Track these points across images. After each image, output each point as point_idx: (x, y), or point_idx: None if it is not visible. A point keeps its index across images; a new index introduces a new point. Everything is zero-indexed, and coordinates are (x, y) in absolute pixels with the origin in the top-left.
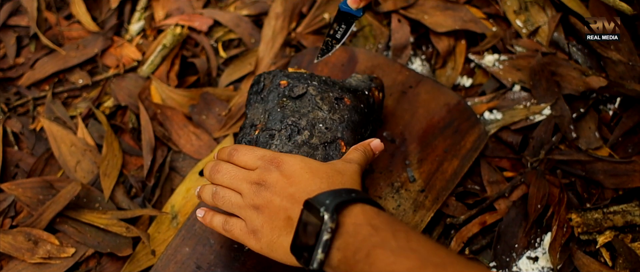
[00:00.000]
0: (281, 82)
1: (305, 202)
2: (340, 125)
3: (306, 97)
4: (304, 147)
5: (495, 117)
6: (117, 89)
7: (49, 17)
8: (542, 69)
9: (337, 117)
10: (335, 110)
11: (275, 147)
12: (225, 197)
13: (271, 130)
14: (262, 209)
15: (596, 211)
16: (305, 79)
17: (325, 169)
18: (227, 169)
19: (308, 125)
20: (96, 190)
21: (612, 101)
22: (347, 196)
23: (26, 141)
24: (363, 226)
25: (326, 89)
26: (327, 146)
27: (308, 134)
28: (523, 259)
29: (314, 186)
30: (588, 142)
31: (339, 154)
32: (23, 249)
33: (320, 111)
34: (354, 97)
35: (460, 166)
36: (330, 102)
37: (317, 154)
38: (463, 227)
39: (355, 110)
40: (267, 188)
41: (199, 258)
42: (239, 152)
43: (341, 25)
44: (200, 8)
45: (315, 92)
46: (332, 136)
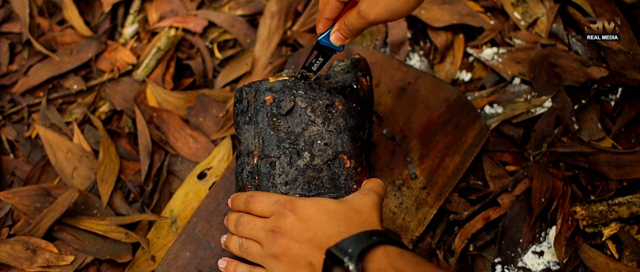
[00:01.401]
0: (266, 99)
1: (328, 252)
2: (338, 138)
3: (296, 112)
4: (309, 171)
5: (495, 111)
6: (112, 94)
7: (41, 22)
8: (541, 61)
9: (333, 128)
10: (330, 120)
11: (278, 177)
12: (249, 248)
13: (270, 157)
14: (280, 258)
15: (601, 203)
16: (290, 89)
17: (342, 210)
18: (247, 221)
19: (306, 145)
20: (94, 196)
21: (614, 91)
22: (368, 241)
23: (22, 149)
24: (387, 270)
25: (314, 97)
26: (331, 163)
27: (309, 156)
28: (528, 254)
29: (332, 230)
30: (590, 134)
31: (345, 169)
32: (21, 258)
33: (315, 125)
34: (345, 99)
35: (462, 162)
36: (323, 112)
37: (323, 176)
38: (467, 224)
39: (349, 113)
40: (283, 235)
41: (200, 262)
42: (255, 200)
43: (319, 58)
44: (194, 9)
45: (304, 104)
46: (332, 151)
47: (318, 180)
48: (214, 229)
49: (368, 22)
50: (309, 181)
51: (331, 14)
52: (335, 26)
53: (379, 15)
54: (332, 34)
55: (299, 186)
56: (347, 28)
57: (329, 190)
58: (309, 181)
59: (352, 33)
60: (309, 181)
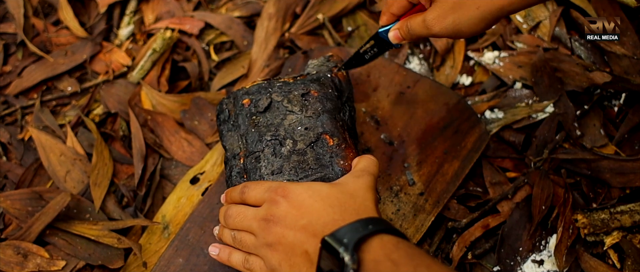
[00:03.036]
0: (243, 102)
1: (323, 241)
2: (317, 121)
3: (273, 106)
4: (293, 156)
5: (496, 116)
6: (106, 96)
7: (36, 23)
8: (544, 65)
9: (311, 113)
10: (306, 106)
11: (264, 168)
12: (242, 240)
13: (254, 153)
14: (275, 247)
15: (603, 211)
16: (265, 89)
17: (336, 195)
18: (237, 211)
19: (287, 133)
20: (86, 200)
21: (617, 97)
22: (364, 230)
23: (14, 151)
24: (383, 262)
25: (289, 90)
26: (314, 145)
27: (291, 142)
28: (528, 263)
29: (327, 217)
30: (593, 140)
31: (329, 148)
32: (12, 262)
33: (293, 114)
34: (319, 86)
35: (461, 168)
36: (299, 101)
37: (308, 158)
38: (465, 231)
39: (325, 98)
40: (276, 222)
41: (193, 269)
42: (248, 189)
43: (374, 48)
44: (191, 11)
45: (280, 97)
46: (314, 134)
47: (304, 163)
48: (207, 235)
49: (430, 33)
50: (294, 166)
51: (397, 11)
52: (398, 24)
53: (443, 30)
54: (392, 31)
55: (286, 172)
56: (408, 31)
57: (316, 170)
58: (294, 166)
59: (411, 37)
60: (294, 166)
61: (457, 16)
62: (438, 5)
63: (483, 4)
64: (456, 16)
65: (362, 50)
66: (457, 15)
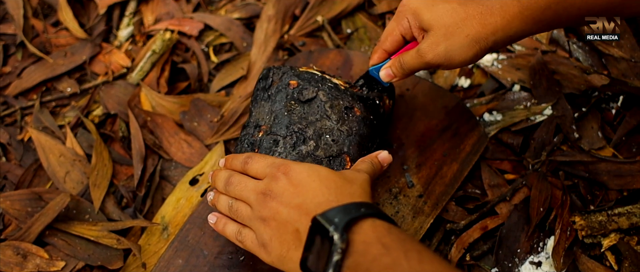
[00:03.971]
0: (291, 82)
1: (314, 219)
2: (347, 139)
3: (315, 103)
4: (308, 159)
5: (495, 118)
6: (106, 97)
7: (35, 24)
8: (542, 67)
9: (345, 129)
10: (344, 121)
11: (278, 155)
12: (238, 210)
13: (276, 135)
14: (269, 222)
15: (600, 213)
16: (317, 82)
17: (334, 178)
18: (238, 180)
19: (314, 135)
20: (86, 201)
21: (615, 99)
22: (356, 212)
23: (14, 152)
24: (373, 244)
25: (337, 96)
26: (332, 159)
27: (313, 145)
28: (526, 264)
29: (322, 197)
30: (591, 143)
31: (344, 168)
32: (12, 263)
33: (329, 120)
34: (365, 108)
35: (459, 170)
36: (340, 112)
37: None
38: (464, 233)
39: (364, 122)
40: (273, 198)
41: (192, 270)
42: (252, 160)
43: (363, 88)
44: (190, 12)
45: (326, 99)
46: (338, 149)
47: None
48: (207, 236)
49: (423, 62)
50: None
51: (391, 47)
52: (389, 62)
53: (436, 57)
54: (383, 69)
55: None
56: (401, 66)
57: None
58: None
59: (403, 72)
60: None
61: (449, 43)
62: (431, 34)
63: (472, 32)
64: (448, 43)
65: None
66: (449, 43)
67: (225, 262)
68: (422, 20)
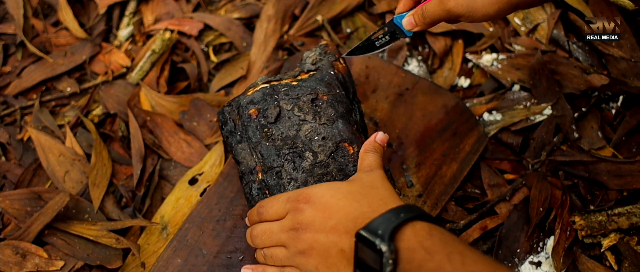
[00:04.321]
0: (250, 112)
1: (357, 235)
2: (333, 128)
3: (284, 116)
4: (316, 169)
5: (494, 118)
6: (105, 97)
7: (35, 24)
8: (542, 67)
9: (325, 120)
10: (319, 113)
11: (288, 184)
12: (274, 255)
13: (273, 168)
14: (309, 253)
15: (600, 213)
16: (271, 95)
17: (357, 189)
18: (262, 230)
19: (305, 145)
20: (85, 200)
21: (615, 99)
22: (397, 219)
23: (13, 151)
24: (417, 250)
25: (297, 96)
26: (335, 155)
27: (311, 155)
28: (526, 264)
29: (356, 212)
30: (591, 142)
31: (350, 156)
32: (11, 262)
33: (306, 123)
34: (327, 88)
35: (459, 170)
36: (310, 108)
37: (331, 170)
38: (463, 233)
39: (336, 101)
40: (305, 229)
41: (191, 270)
42: (265, 208)
43: (386, 36)
44: (190, 12)
45: (289, 105)
46: (332, 143)
47: (327, 175)
48: (206, 235)
49: (445, 10)
50: (318, 179)
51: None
52: (413, 11)
53: (458, 6)
54: (407, 17)
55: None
56: (423, 14)
57: (340, 180)
58: (318, 179)
59: (424, 21)
60: (318, 179)
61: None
62: None
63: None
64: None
65: (374, 37)
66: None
67: (224, 261)
68: None
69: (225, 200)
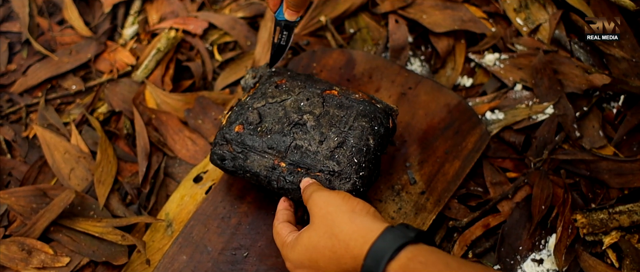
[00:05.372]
0: (236, 130)
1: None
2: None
3: (265, 111)
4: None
5: (497, 117)
6: (111, 95)
7: (41, 22)
8: (544, 67)
9: (298, 91)
10: (288, 90)
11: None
12: None
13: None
14: None
15: (602, 211)
16: (241, 108)
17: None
18: None
19: (298, 113)
20: (91, 198)
21: (616, 99)
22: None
23: (19, 149)
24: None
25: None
26: (326, 103)
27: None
28: (528, 262)
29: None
30: (592, 141)
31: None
32: (17, 259)
33: (285, 100)
34: (278, 77)
35: (462, 167)
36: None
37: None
38: (466, 230)
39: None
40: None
41: (196, 266)
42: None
43: (283, 32)
44: (195, 11)
45: (262, 102)
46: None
47: (334, 117)
48: (211, 232)
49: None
50: (330, 125)
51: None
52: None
53: None
54: (285, 12)
55: (330, 134)
56: (292, 4)
57: (348, 113)
58: (330, 125)
59: (297, 6)
60: (330, 125)
61: None
62: None
63: None
64: None
65: (276, 40)
66: None
67: (229, 258)
68: None
69: (230, 197)
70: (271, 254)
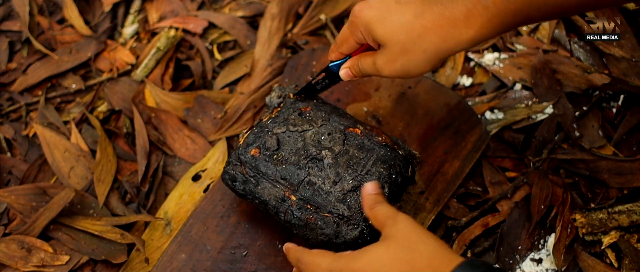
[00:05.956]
0: (252, 153)
1: None
2: (331, 123)
3: (283, 139)
4: (339, 159)
5: (496, 116)
6: (110, 94)
7: (41, 21)
8: (543, 67)
9: (321, 121)
10: (312, 120)
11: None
12: None
13: (302, 181)
14: None
15: (601, 211)
16: (261, 130)
17: (398, 254)
18: None
19: (317, 148)
20: (90, 196)
21: (616, 99)
22: None
23: (19, 147)
24: None
25: (283, 119)
26: (347, 142)
27: (328, 151)
28: (527, 261)
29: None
30: (591, 141)
31: (359, 136)
32: (16, 257)
33: (306, 131)
34: (303, 104)
35: (461, 167)
36: (301, 120)
37: (353, 154)
38: (465, 230)
39: (319, 107)
40: None
41: (195, 265)
42: (305, 266)
43: (325, 80)
44: (195, 10)
45: (283, 128)
46: (339, 133)
47: (353, 159)
48: (210, 231)
49: (381, 75)
50: (347, 166)
51: (347, 51)
52: (348, 62)
53: (393, 73)
54: (343, 69)
55: (345, 176)
56: (359, 70)
57: (368, 157)
58: (347, 166)
59: (361, 75)
60: (347, 166)
61: (405, 60)
62: (387, 51)
63: (430, 48)
64: (404, 60)
65: (314, 82)
66: (406, 60)
67: (228, 257)
68: (375, 35)
69: (230, 196)
70: (270, 253)
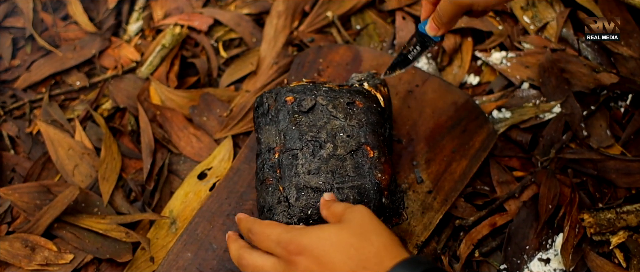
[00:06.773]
0: (287, 99)
1: None
2: (360, 130)
3: (317, 109)
4: (332, 160)
5: (504, 115)
6: (115, 91)
7: (45, 18)
8: (551, 66)
9: (355, 123)
10: (351, 115)
11: (301, 166)
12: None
13: (292, 150)
14: None
15: (609, 211)
16: (311, 90)
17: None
18: (252, 263)
19: (328, 137)
20: (95, 194)
21: (624, 98)
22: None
23: (23, 145)
24: None
25: (335, 96)
26: (354, 153)
27: (331, 146)
28: (534, 261)
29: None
30: (599, 141)
31: (368, 159)
32: (20, 255)
33: (337, 120)
34: (365, 99)
35: (469, 166)
36: (344, 109)
37: (347, 165)
38: (473, 229)
39: (369, 111)
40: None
41: (201, 263)
42: (255, 235)
43: (416, 46)
44: (200, 7)
45: (325, 101)
46: (355, 142)
47: (342, 169)
48: (216, 229)
49: (455, 5)
50: (332, 170)
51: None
52: (431, 15)
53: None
54: (428, 23)
55: (322, 174)
56: (439, 16)
57: (353, 178)
58: (332, 170)
59: (443, 21)
60: (332, 170)
61: None
62: None
63: None
64: None
65: (405, 50)
66: None
67: None
68: None
69: (236, 195)
70: None
